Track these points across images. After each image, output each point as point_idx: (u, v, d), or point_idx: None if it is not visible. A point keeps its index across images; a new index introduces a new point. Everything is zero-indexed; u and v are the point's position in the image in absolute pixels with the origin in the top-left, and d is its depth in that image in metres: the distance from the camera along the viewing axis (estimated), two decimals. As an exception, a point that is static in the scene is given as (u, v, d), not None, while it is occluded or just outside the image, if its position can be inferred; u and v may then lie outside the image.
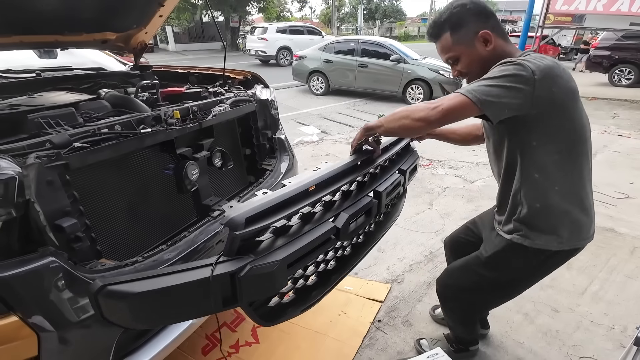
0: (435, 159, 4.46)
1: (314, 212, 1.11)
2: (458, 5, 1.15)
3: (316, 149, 4.92)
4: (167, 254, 1.27)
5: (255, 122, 1.98)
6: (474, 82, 1.04)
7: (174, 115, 1.43)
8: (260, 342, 1.93)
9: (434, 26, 1.20)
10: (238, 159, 2.00)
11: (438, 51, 1.23)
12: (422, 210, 3.23)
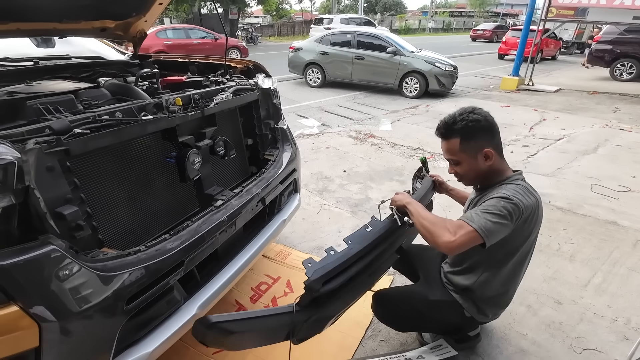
0: (436, 152, 4.43)
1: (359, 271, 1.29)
2: (474, 120, 1.30)
3: (317, 142, 4.89)
4: (170, 243, 1.25)
5: (258, 112, 1.95)
6: (481, 213, 1.22)
7: (176, 102, 1.40)
8: (262, 333, 1.92)
9: (446, 128, 1.34)
10: (240, 149, 1.98)
11: (442, 148, 1.40)
12: (423, 202, 3.21)
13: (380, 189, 3.48)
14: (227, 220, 1.43)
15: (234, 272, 1.55)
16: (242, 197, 1.56)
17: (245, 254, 1.64)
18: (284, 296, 2.17)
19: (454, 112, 1.34)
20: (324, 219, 3.00)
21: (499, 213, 1.20)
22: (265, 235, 1.78)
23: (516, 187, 1.29)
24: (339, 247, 1.30)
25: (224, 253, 1.59)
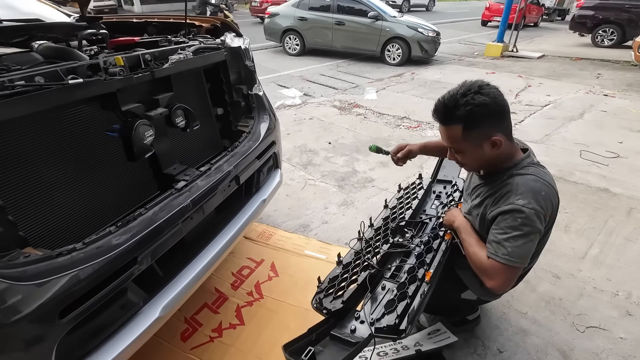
0: (423, 121, 4.20)
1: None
2: (481, 104, 1.03)
3: (299, 113, 4.56)
4: (116, 238, 0.99)
5: (227, 75, 1.64)
6: (506, 242, 1.07)
7: (116, 62, 1.08)
8: (245, 324, 1.72)
9: (446, 112, 1.08)
10: (208, 120, 1.68)
11: (440, 132, 1.15)
12: (412, 173, 3.01)
13: (367, 161, 3.25)
14: (192, 205, 1.16)
15: (206, 264, 1.31)
16: (210, 177, 1.29)
17: (218, 241, 1.39)
18: (268, 281, 1.96)
19: (456, 90, 1.06)
20: (309, 194, 2.76)
21: (523, 233, 1.05)
22: (242, 219, 1.53)
23: (529, 183, 1.07)
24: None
25: (192, 242, 1.34)
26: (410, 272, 1.29)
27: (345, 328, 1.16)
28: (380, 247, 1.46)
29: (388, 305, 1.17)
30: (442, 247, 1.39)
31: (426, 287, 1.20)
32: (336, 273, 1.36)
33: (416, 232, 1.57)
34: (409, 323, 1.06)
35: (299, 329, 1.69)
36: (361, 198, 2.68)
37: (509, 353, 1.48)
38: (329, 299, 1.24)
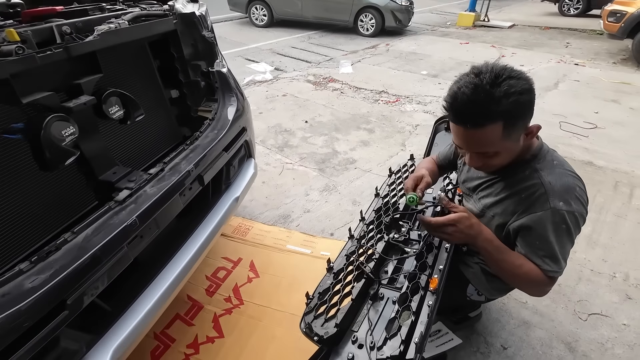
0: (401, 95, 3.96)
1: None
2: (525, 91, 0.79)
3: (271, 89, 4.19)
4: (30, 280, 0.71)
5: (179, 49, 1.31)
6: (562, 252, 0.89)
7: (9, 36, 0.75)
8: (225, 336, 1.49)
9: (479, 111, 0.80)
10: (160, 106, 1.36)
11: (463, 138, 0.87)
12: (395, 152, 2.81)
13: (347, 140, 3.00)
14: (139, 221, 0.88)
15: (168, 286, 1.05)
16: (163, 180, 1.01)
17: (183, 255, 1.13)
18: (247, 283, 1.73)
19: (474, 81, 0.79)
20: (287, 180, 2.51)
21: (571, 239, 0.90)
22: (211, 223, 1.26)
23: (562, 179, 0.89)
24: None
25: (149, 261, 1.07)
26: (411, 280, 1.09)
27: (341, 356, 0.95)
28: (375, 247, 1.25)
29: (389, 326, 0.97)
30: (445, 245, 1.20)
31: (432, 298, 1.01)
32: (327, 285, 1.14)
33: (412, 224, 1.37)
34: (417, 351, 0.86)
35: (286, 337, 1.47)
36: (344, 182, 2.46)
37: (514, 349, 1.36)
38: (319, 320, 1.03)
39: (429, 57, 5.49)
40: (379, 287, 1.12)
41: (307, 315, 1.05)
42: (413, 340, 0.89)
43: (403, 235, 1.30)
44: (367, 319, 1.03)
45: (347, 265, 1.22)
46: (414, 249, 1.24)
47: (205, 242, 1.22)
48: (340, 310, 1.05)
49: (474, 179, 1.12)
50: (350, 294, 1.09)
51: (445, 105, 0.86)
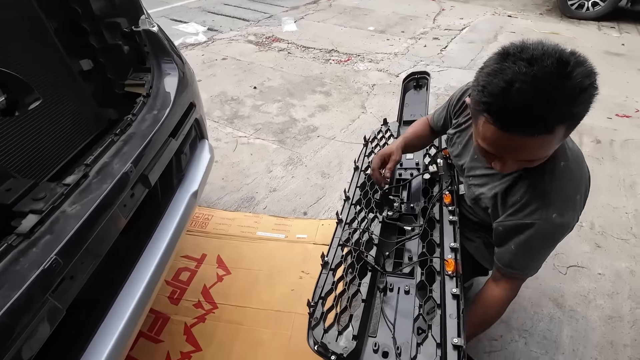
0: (352, 53, 3.68)
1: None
2: (594, 78, 0.58)
3: (207, 53, 3.64)
4: None
5: (84, 2, 0.90)
6: (540, 257, 0.83)
7: None
8: (203, 348, 1.26)
9: (545, 116, 0.58)
10: (66, 83, 0.96)
11: (511, 150, 0.66)
12: (356, 115, 2.60)
13: (304, 106, 2.71)
14: (62, 259, 0.57)
15: (125, 326, 0.77)
16: (89, 192, 0.68)
17: (136, 281, 0.84)
18: (218, 282, 1.47)
19: (541, 69, 0.56)
20: (244, 157, 2.19)
21: (553, 246, 0.82)
22: (167, 231, 0.96)
23: (568, 187, 0.76)
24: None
25: (91, 300, 0.77)
26: (423, 265, 0.94)
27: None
28: (371, 231, 1.07)
29: (415, 327, 0.81)
30: (449, 217, 1.05)
31: (453, 283, 0.87)
32: (328, 286, 0.94)
33: (402, 195, 1.21)
34: (461, 356, 0.72)
35: (275, 339, 1.26)
36: (308, 152, 2.21)
37: (508, 313, 1.32)
38: (332, 333, 0.83)
39: (373, 12, 5.18)
40: (386, 277, 0.95)
41: (314, 329, 0.85)
42: (450, 341, 0.75)
43: (397, 211, 1.13)
44: (384, 318, 0.87)
45: (345, 257, 1.03)
46: (413, 225, 1.09)
47: (164, 256, 0.93)
48: (353, 316, 0.87)
49: (469, 162, 0.95)
50: (359, 292, 0.92)
51: (484, 104, 0.62)
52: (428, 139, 1.21)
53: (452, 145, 1.03)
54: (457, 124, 1.01)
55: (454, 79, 3.13)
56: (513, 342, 1.27)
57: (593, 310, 1.35)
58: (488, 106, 0.62)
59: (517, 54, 0.60)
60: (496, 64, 0.61)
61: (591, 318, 1.33)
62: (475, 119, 0.69)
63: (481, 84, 0.63)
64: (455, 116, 1.02)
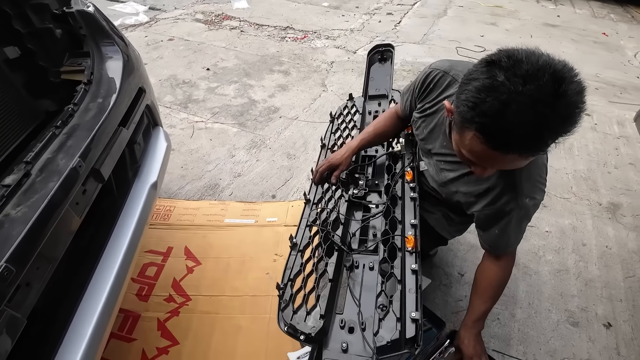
0: (308, 30, 3.60)
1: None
2: (583, 103, 0.57)
3: (151, 34, 3.37)
4: None
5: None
6: (519, 232, 0.91)
7: None
8: (180, 342, 1.23)
9: (542, 137, 0.58)
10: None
11: (499, 164, 0.68)
12: (317, 94, 2.57)
13: (262, 86, 2.62)
14: (15, 266, 0.52)
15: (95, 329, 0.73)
16: (33, 192, 0.62)
17: (100, 281, 0.79)
18: (189, 274, 1.43)
19: (537, 89, 0.55)
20: (203, 142, 2.10)
21: (529, 220, 0.91)
22: (128, 226, 0.91)
23: (532, 170, 0.83)
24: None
25: (53, 310, 0.71)
26: (385, 243, 0.97)
27: (333, 349, 0.79)
28: (337, 209, 1.09)
29: (377, 301, 0.85)
30: (410, 194, 1.09)
31: (412, 259, 0.91)
32: (296, 268, 0.95)
33: (367, 173, 1.23)
34: (418, 328, 0.77)
35: (254, 324, 1.26)
36: (271, 134, 2.16)
37: (469, 274, 1.43)
38: (301, 314, 0.85)
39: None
40: (351, 252, 0.98)
41: (284, 311, 0.86)
42: (409, 315, 0.79)
43: (362, 189, 1.16)
44: (350, 295, 0.90)
45: (313, 238, 1.04)
46: (377, 202, 1.12)
47: (128, 251, 0.88)
48: (321, 296, 0.89)
49: (436, 143, 0.98)
50: (326, 272, 0.94)
51: (477, 124, 0.60)
52: (393, 133, 1.20)
53: (417, 129, 1.04)
54: (421, 109, 1.01)
55: (409, 54, 3.19)
56: (475, 300, 1.37)
57: (543, 266, 1.50)
58: (481, 126, 0.60)
59: (510, 69, 0.57)
60: (487, 79, 0.58)
61: (542, 273, 1.48)
62: (461, 131, 0.67)
63: (472, 101, 0.60)
64: (419, 100, 1.02)
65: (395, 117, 1.17)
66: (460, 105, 0.64)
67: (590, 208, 1.75)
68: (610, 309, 1.36)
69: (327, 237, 0.99)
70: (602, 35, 3.89)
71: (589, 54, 3.39)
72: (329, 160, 1.15)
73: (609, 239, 1.60)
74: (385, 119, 1.19)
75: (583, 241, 1.59)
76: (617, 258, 1.53)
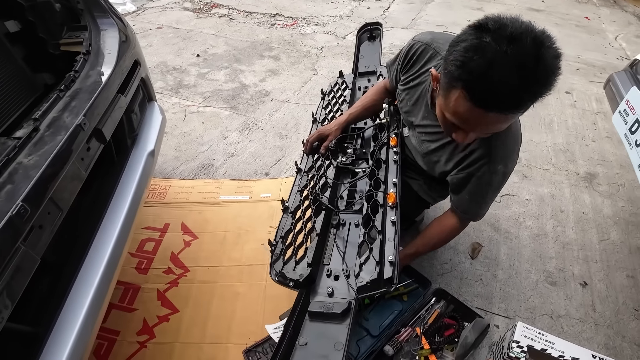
0: (298, 17, 3.63)
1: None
2: (559, 69, 0.63)
3: (139, 22, 3.37)
4: None
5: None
6: (488, 201, 1.00)
7: None
8: (180, 309, 1.29)
9: (524, 97, 0.64)
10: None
11: (481, 124, 0.72)
12: (308, 78, 2.62)
13: (253, 71, 2.66)
14: (30, 206, 0.58)
15: (99, 284, 0.78)
16: (43, 144, 0.67)
17: (103, 241, 0.84)
18: (186, 247, 1.49)
19: (518, 50, 0.60)
20: (196, 125, 2.14)
21: (499, 190, 0.99)
22: (127, 192, 0.96)
23: (506, 140, 0.89)
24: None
25: (60, 261, 0.77)
26: (369, 200, 1.04)
27: (321, 294, 0.88)
28: (326, 175, 1.15)
29: (360, 251, 0.92)
30: (393, 157, 1.16)
31: (392, 212, 0.98)
32: (287, 227, 1.02)
33: (356, 143, 1.30)
34: (394, 269, 0.84)
35: (251, 290, 1.33)
36: (263, 116, 2.21)
37: (455, 240, 1.51)
38: (290, 265, 0.92)
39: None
40: (339, 214, 1.05)
41: (275, 263, 0.93)
42: (387, 259, 0.87)
43: (350, 157, 1.23)
44: (336, 249, 0.97)
45: (303, 201, 1.11)
46: (363, 168, 1.19)
47: (129, 215, 0.93)
48: (308, 248, 0.96)
49: (418, 114, 1.04)
50: (314, 229, 1.01)
51: (464, 82, 0.65)
52: (382, 105, 1.25)
53: (401, 102, 1.11)
54: (405, 81, 1.06)
55: (398, 39, 3.25)
56: (461, 264, 1.46)
57: (523, 231, 1.59)
58: (468, 83, 0.65)
59: (495, 31, 0.62)
60: (475, 39, 0.63)
61: (522, 237, 1.57)
62: (447, 92, 0.71)
63: (460, 59, 0.64)
64: (403, 72, 1.06)
65: (383, 90, 1.24)
66: (448, 66, 0.69)
67: (568, 178, 1.85)
68: (586, 269, 1.46)
69: (316, 199, 1.06)
70: (585, 19, 4.00)
71: (571, 36, 3.50)
72: (319, 131, 1.22)
73: (586, 206, 1.71)
74: (373, 92, 1.26)
75: (561, 208, 1.69)
76: (593, 223, 1.63)
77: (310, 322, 0.80)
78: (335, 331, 0.75)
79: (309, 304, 0.83)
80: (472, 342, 1.14)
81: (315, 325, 0.79)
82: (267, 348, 1.19)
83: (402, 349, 1.15)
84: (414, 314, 1.24)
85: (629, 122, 1.22)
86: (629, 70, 1.34)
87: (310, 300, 0.85)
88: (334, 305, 0.81)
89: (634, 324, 1.27)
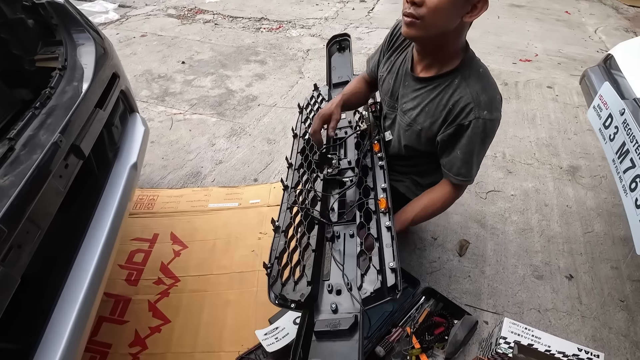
0: (283, 20, 3.63)
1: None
2: None
3: (122, 30, 3.34)
4: None
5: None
6: (477, 160, 1.00)
7: None
8: (172, 320, 1.28)
9: None
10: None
11: None
12: (295, 81, 2.62)
13: (239, 76, 2.66)
14: (7, 227, 0.57)
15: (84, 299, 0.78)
16: (19, 163, 0.66)
17: (87, 256, 0.84)
18: (176, 257, 1.48)
19: None
20: (183, 133, 2.13)
21: (487, 146, 0.98)
22: (110, 205, 0.95)
23: (487, 89, 0.91)
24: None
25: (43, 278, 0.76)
26: (360, 208, 1.04)
27: (325, 312, 0.84)
28: (314, 188, 1.14)
29: (359, 262, 0.92)
30: (378, 163, 1.17)
31: (386, 218, 0.99)
32: (281, 246, 1.00)
33: (339, 153, 1.30)
34: (397, 276, 0.82)
35: (242, 297, 1.33)
36: (250, 122, 2.21)
37: (442, 237, 1.53)
38: (289, 286, 0.90)
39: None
40: (333, 227, 1.04)
41: (273, 286, 0.90)
42: (387, 266, 0.85)
43: (336, 168, 1.22)
44: (334, 262, 0.95)
45: (294, 218, 1.10)
46: (350, 177, 1.18)
47: (112, 228, 0.92)
48: (306, 265, 0.94)
49: (398, 89, 1.06)
50: (309, 245, 0.99)
51: None
52: (364, 95, 1.27)
53: (383, 84, 1.13)
54: (388, 56, 1.11)
55: (382, 39, 3.26)
56: (449, 262, 1.47)
57: (509, 226, 1.62)
58: None
59: None
60: None
61: (508, 232, 1.59)
62: None
63: None
64: (387, 50, 1.11)
65: (362, 80, 1.27)
66: None
67: (551, 171, 1.88)
68: (572, 262, 1.48)
69: (307, 214, 1.05)
70: (565, 13, 4.06)
71: (552, 31, 3.55)
72: (319, 115, 1.13)
73: (569, 199, 1.74)
74: (355, 82, 1.29)
75: (545, 202, 1.72)
76: (577, 215, 1.66)
77: (318, 343, 0.77)
78: (346, 348, 0.72)
79: (314, 323, 0.80)
80: (461, 339, 1.16)
81: (324, 345, 0.76)
82: (260, 355, 1.18)
83: (393, 349, 1.16)
84: (403, 313, 1.25)
85: (602, 117, 1.25)
86: (602, 66, 1.37)
87: (315, 320, 0.81)
88: (341, 322, 0.77)
89: (619, 315, 1.30)
